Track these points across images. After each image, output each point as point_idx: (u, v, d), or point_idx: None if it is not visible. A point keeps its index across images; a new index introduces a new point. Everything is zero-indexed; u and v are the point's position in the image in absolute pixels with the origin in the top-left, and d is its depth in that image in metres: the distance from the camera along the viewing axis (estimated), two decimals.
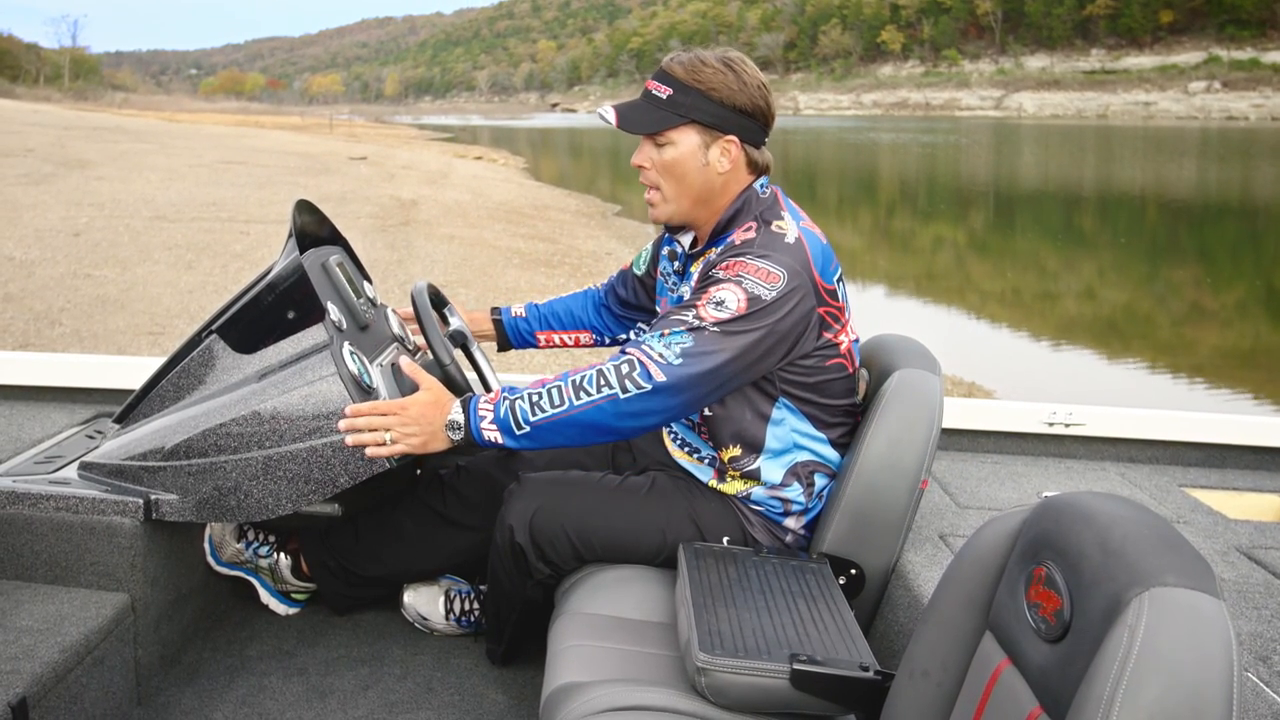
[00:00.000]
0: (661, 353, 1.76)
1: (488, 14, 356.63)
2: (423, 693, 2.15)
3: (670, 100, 1.88)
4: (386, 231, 12.73)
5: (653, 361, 1.75)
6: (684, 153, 1.90)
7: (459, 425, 1.84)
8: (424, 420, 1.85)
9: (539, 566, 2.01)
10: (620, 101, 1.96)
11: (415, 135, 51.12)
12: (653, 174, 1.93)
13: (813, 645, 1.63)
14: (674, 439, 2.12)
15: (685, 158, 1.90)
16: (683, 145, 1.90)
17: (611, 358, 1.78)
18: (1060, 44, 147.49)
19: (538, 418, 1.78)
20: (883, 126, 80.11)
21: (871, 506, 1.94)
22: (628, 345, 1.81)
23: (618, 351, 1.80)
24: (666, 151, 1.91)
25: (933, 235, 17.75)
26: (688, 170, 1.91)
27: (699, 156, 1.91)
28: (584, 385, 1.76)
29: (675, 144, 1.90)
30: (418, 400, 1.87)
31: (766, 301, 1.78)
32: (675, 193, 1.94)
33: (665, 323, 1.80)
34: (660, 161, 1.92)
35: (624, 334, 2.45)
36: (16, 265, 9.67)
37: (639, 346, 1.78)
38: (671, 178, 1.92)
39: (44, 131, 28.59)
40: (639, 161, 1.94)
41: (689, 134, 1.89)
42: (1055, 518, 1.21)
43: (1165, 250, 16.58)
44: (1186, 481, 2.58)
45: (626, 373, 1.75)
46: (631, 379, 1.75)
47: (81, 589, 2.00)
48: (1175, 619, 1.01)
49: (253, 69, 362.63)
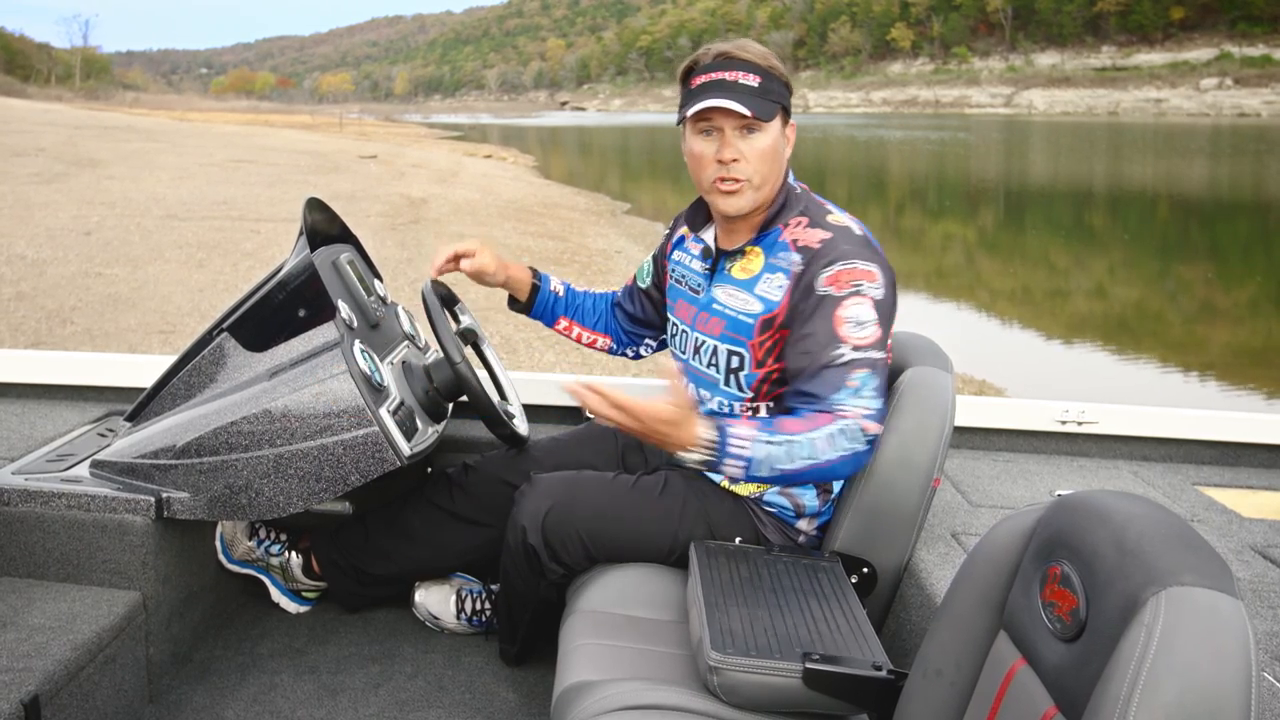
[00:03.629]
0: (866, 405, 1.76)
1: (497, 12, 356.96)
2: (434, 691, 2.15)
3: (763, 88, 1.86)
4: (396, 230, 12.74)
5: (865, 418, 1.74)
6: (774, 139, 1.89)
7: (711, 445, 1.72)
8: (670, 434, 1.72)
9: (552, 567, 2.00)
10: (721, 95, 1.84)
11: (425, 134, 51.16)
12: (744, 165, 1.88)
13: (825, 644, 1.62)
14: None
15: (776, 144, 1.90)
16: (771, 132, 1.88)
17: (825, 423, 1.72)
18: (1071, 41, 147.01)
19: (791, 467, 1.72)
20: (892, 124, 79.96)
21: (884, 505, 1.93)
22: (824, 407, 1.75)
23: (822, 413, 1.74)
24: (759, 140, 1.87)
25: (942, 233, 17.69)
26: (776, 156, 1.90)
27: (781, 143, 1.91)
28: (820, 440, 1.71)
29: (767, 132, 1.88)
30: (668, 417, 1.71)
31: (883, 300, 1.83)
32: (763, 180, 1.90)
33: (834, 373, 1.76)
34: (753, 151, 1.87)
35: (632, 350, 2.39)
36: (28, 264, 9.71)
37: (839, 408, 1.74)
38: (764, 165, 1.89)
39: (55, 131, 28.70)
40: (731, 155, 1.87)
41: (776, 121, 1.89)
42: (1070, 516, 1.20)
43: (1176, 247, 16.51)
44: (1200, 480, 2.57)
45: (851, 434, 1.73)
46: (856, 439, 1.73)
47: (93, 587, 2.01)
48: (1193, 619, 1.00)
49: (263, 68, 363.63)
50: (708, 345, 1.99)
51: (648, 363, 7.12)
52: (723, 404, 1.99)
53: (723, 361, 1.96)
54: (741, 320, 1.93)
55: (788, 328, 1.87)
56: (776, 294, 1.89)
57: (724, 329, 1.95)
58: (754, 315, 1.91)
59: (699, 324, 2.02)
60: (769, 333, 1.90)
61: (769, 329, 1.90)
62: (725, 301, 1.96)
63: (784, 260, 1.90)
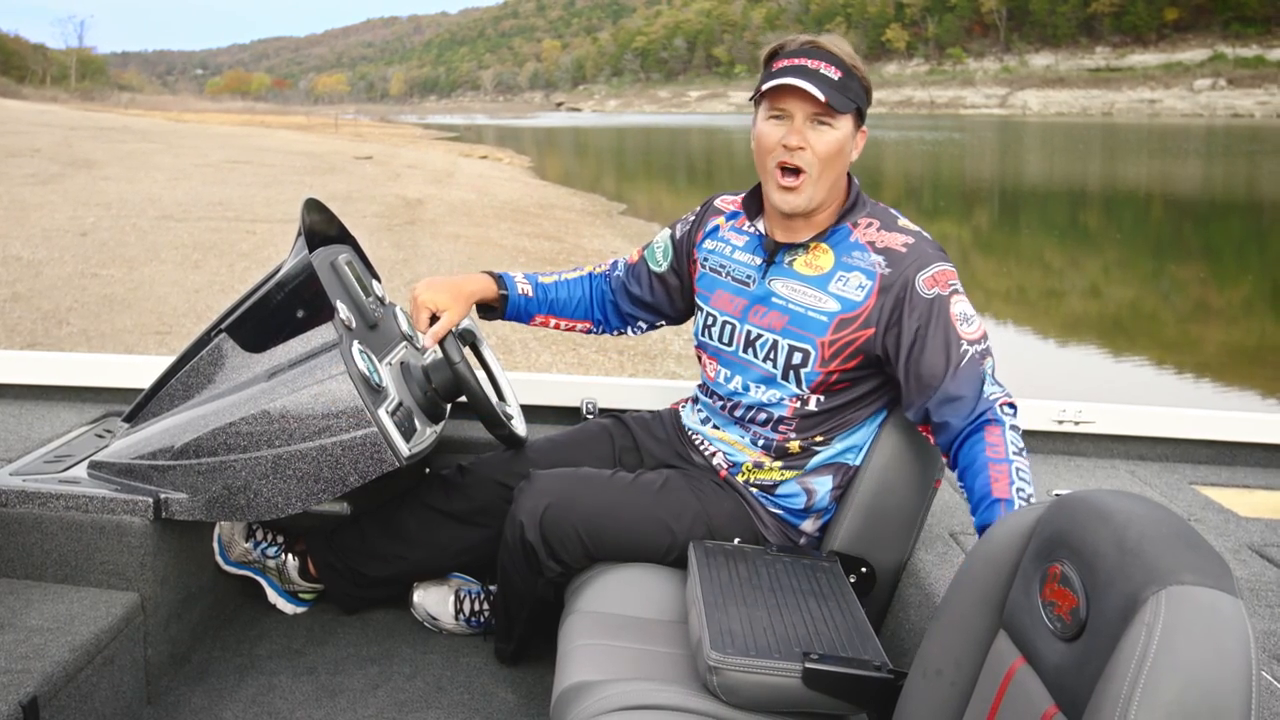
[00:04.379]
0: (1001, 388, 1.86)
1: (493, 13, 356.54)
2: (432, 692, 2.15)
3: (842, 84, 1.85)
4: (392, 231, 12.73)
5: (1005, 397, 1.86)
6: (842, 137, 1.88)
7: None
8: None
9: (550, 564, 2.00)
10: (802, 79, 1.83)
11: (421, 134, 51.10)
12: (808, 155, 1.87)
13: (825, 644, 1.62)
14: (715, 420, 2.11)
15: (843, 142, 1.89)
16: (842, 130, 1.87)
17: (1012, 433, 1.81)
18: (1065, 41, 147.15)
19: (1031, 488, 1.76)
20: (887, 124, 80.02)
21: (885, 506, 1.94)
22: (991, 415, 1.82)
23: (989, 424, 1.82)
24: (827, 134, 1.86)
25: (937, 233, 17.46)
26: (841, 155, 1.90)
27: (849, 144, 1.90)
28: (1023, 453, 1.81)
29: (837, 128, 1.87)
30: None
31: (966, 295, 1.92)
32: (821, 176, 1.89)
33: (967, 371, 1.84)
34: (824, 142, 1.86)
35: (623, 329, 2.35)
36: (24, 265, 9.68)
37: (995, 405, 1.83)
38: (827, 161, 1.88)
39: (51, 132, 28.62)
40: (797, 142, 1.86)
41: (848, 121, 1.88)
42: (1070, 515, 1.20)
43: (1171, 247, 16.54)
44: (1197, 479, 2.57)
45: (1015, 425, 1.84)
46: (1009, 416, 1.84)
47: (91, 588, 2.00)
48: (1193, 618, 1.00)
49: (258, 69, 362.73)
50: (766, 339, 1.97)
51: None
52: (772, 398, 1.99)
53: (783, 357, 1.95)
54: (813, 318, 1.92)
55: (871, 328, 1.89)
56: (857, 294, 1.89)
57: (787, 324, 1.94)
58: (829, 314, 1.91)
59: (752, 316, 2.00)
60: (845, 331, 1.90)
61: (846, 328, 1.90)
62: (789, 296, 1.95)
63: (862, 260, 1.90)
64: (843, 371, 1.92)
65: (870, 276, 1.89)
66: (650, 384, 2.72)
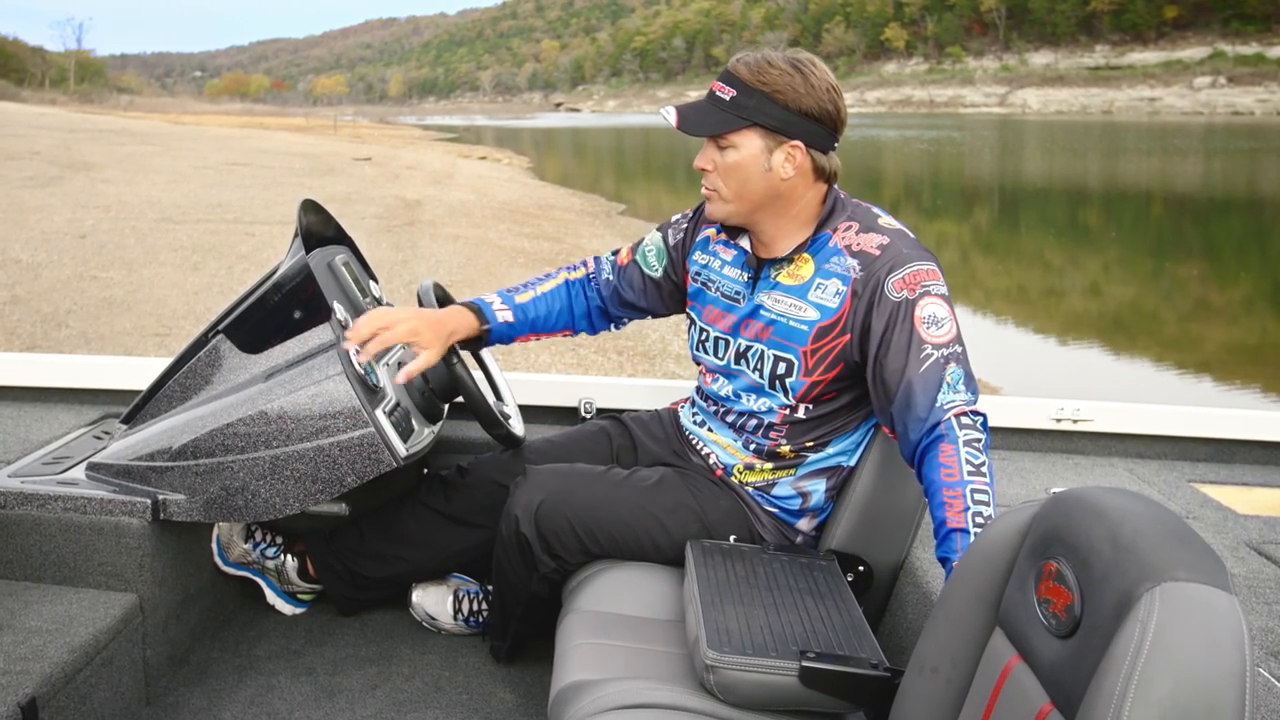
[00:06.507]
0: (963, 397, 1.79)
1: (491, 14, 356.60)
2: (431, 692, 2.15)
3: (733, 102, 1.84)
4: (391, 232, 12.74)
5: (967, 407, 1.79)
6: (746, 156, 1.86)
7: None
8: None
9: (544, 559, 2.00)
10: (684, 102, 1.91)
11: (419, 136, 51.17)
12: (714, 177, 1.89)
13: (821, 642, 1.62)
14: (709, 423, 2.11)
15: (747, 162, 1.86)
16: (745, 149, 1.86)
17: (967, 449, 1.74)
18: (1064, 40, 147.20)
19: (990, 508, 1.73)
20: (886, 124, 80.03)
21: (882, 504, 1.94)
22: (944, 429, 1.76)
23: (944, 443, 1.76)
24: (728, 155, 1.87)
25: (937, 232, 17.70)
26: (750, 175, 1.87)
27: (761, 161, 1.86)
28: (988, 469, 1.75)
29: (737, 147, 1.86)
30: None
31: (947, 294, 1.87)
32: (735, 195, 1.89)
33: (924, 378, 1.79)
34: (722, 164, 1.87)
35: (606, 328, 2.32)
36: (23, 267, 9.69)
37: (950, 417, 1.76)
38: (733, 181, 1.88)
39: (50, 134, 28.64)
40: (701, 164, 1.90)
41: (752, 138, 1.85)
42: (1065, 513, 1.20)
43: (1171, 245, 16.54)
44: (1195, 477, 2.57)
45: (983, 435, 1.78)
46: (972, 429, 1.77)
47: (90, 589, 2.00)
48: (1187, 614, 1.00)
49: (257, 71, 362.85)
50: (755, 350, 1.97)
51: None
52: (762, 406, 1.99)
53: (769, 367, 1.95)
54: (794, 327, 1.91)
55: (848, 334, 1.87)
56: (833, 300, 1.88)
57: (772, 334, 1.94)
58: (809, 322, 1.90)
59: (743, 330, 2.00)
60: (824, 340, 1.89)
61: (825, 336, 1.89)
62: (773, 307, 1.94)
63: (838, 266, 1.89)
64: (827, 381, 1.91)
65: (845, 282, 1.88)
66: (648, 384, 2.73)
